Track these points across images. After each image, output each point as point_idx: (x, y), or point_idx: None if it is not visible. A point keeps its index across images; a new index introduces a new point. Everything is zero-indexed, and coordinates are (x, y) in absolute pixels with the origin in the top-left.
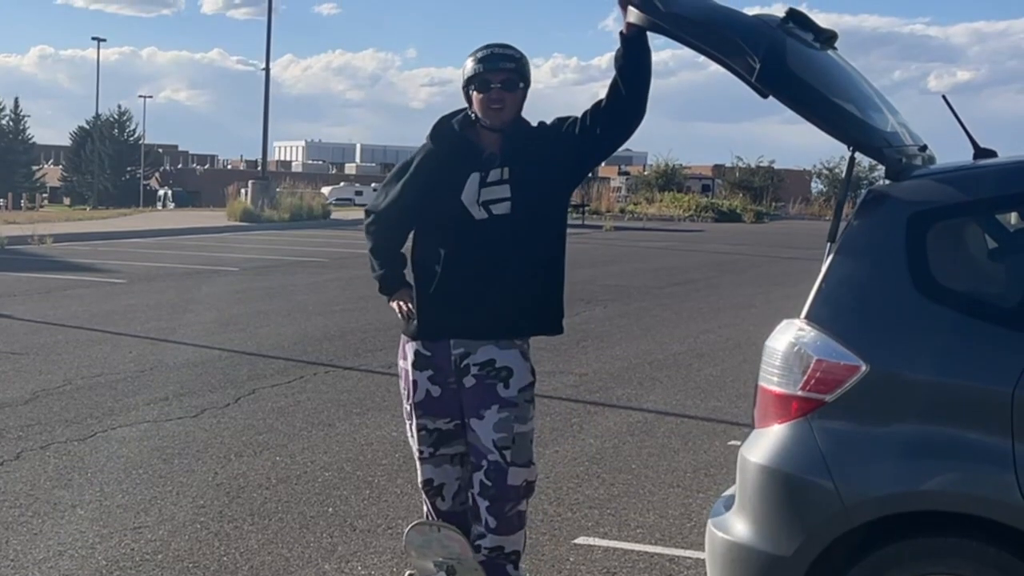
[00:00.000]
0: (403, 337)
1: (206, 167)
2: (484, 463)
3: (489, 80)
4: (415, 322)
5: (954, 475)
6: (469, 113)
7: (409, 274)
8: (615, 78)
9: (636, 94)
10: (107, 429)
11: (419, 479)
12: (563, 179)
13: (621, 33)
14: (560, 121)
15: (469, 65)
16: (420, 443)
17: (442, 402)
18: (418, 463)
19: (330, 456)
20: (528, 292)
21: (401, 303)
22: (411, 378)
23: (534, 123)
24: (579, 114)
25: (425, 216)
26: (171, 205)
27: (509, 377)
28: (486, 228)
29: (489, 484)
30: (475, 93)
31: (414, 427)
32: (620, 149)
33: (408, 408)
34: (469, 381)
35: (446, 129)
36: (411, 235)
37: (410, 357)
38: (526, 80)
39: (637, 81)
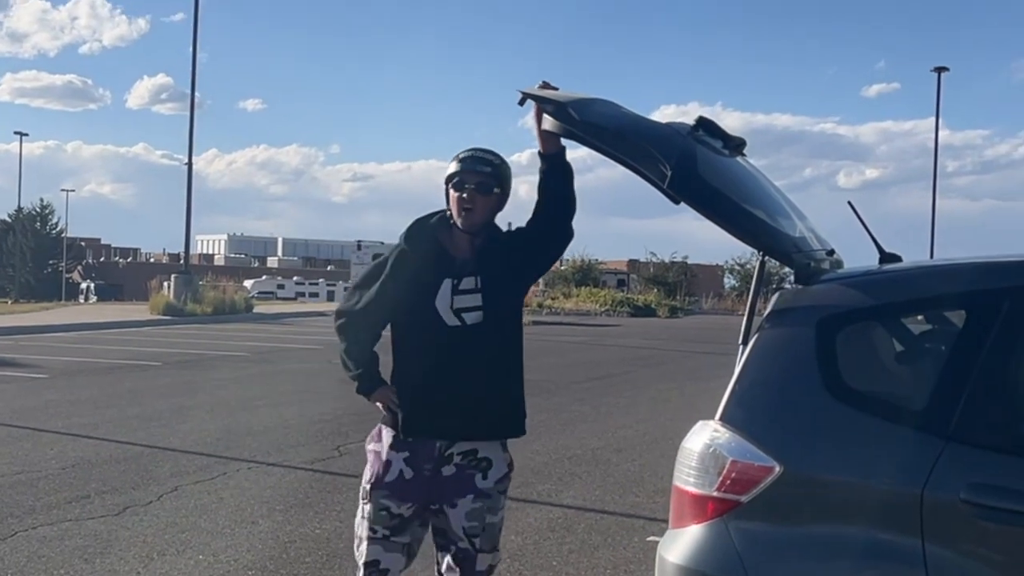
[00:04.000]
0: (380, 424)
1: (129, 260)
2: (452, 548)
3: (465, 181)
4: (399, 416)
5: (867, 575)
6: (446, 213)
7: (383, 370)
8: (539, 199)
9: (559, 210)
10: (28, 528)
11: (362, 559)
12: (523, 287)
13: (540, 153)
14: (520, 230)
15: (452, 165)
16: (376, 522)
17: (412, 486)
18: (366, 543)
19: (253, 554)
20: (500, 398)
21: (384, 402)
22: (385, 458)
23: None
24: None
25: (401, 318)
26: (93, 299)
27: (488, 468)
28: (460, 336)
29: (456, 569)
30: (452, 191)
31: (374, 507)
32: None
33: (367, 488)
34: (449, 470)
35: (420, 233)
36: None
37: (387, 440)
38: (503, 186)
39: (560, 198)
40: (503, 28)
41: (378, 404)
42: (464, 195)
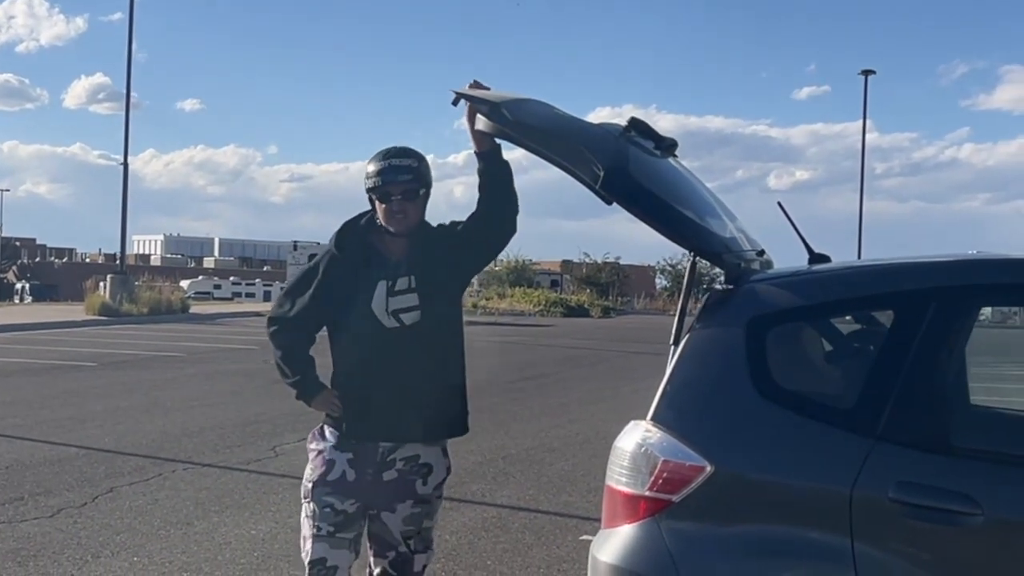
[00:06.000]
0: (322, 424)
1: (64, 260)
2: (391, 553)
3: (390, 192)
4: (342, 419)
5: (797, 573)
6: (374, 218)
7: (322, 374)
8: (480, 198)
9: (503, 205)
10: None
11: (308, 558)
12: (460, 282)
13: (476, 152)
14: (454, 224)
15: (370, 173)
16: (321, 520)
17: (354, 486)
18: (311, 542)
19: (188, 556)
20: (445, 397)
21: (326, 408)
22: (327, 457)
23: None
24: (454, 210)
25: (338, 322)
26: (28, 299)
27: (428, 474)
28: (398, 337)
29: (394, 573)
30: (377, 203)
31: (317, 505)
32: None
33: (309, 487)
34: (390, 475)
35: (351, 236)
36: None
37: (331, 439)
38: (427, 185)
39: (501, 196)
40: (437, 28)
41: (320, 410)
42: (393, 206)
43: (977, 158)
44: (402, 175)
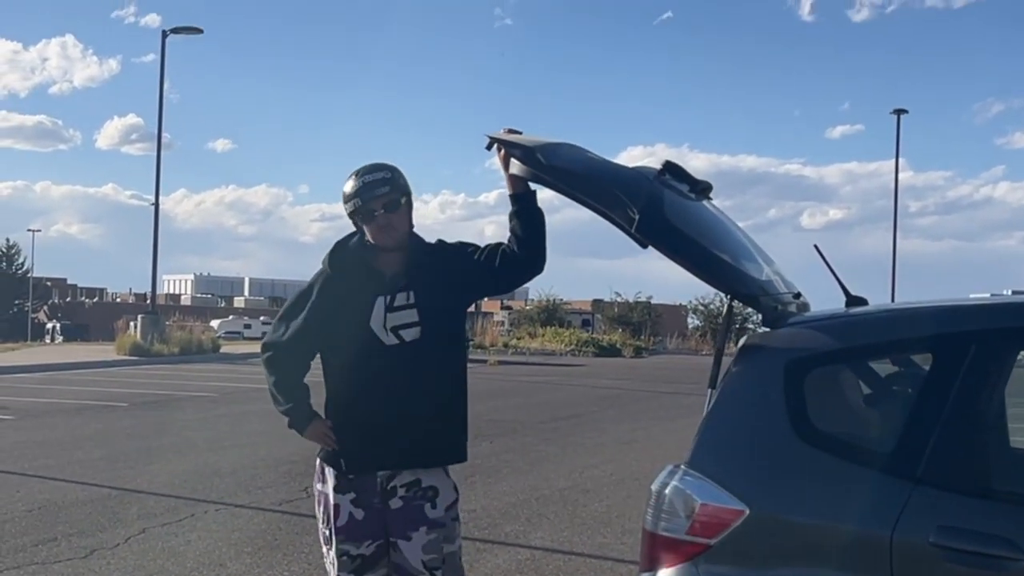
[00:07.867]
0: (319, 461)
1: (95, 300)
2: None
3: (372, 209)
4: (337, 451)
5: None
6: (364, 238)
7: (315, 402)
8: (511, 237)
9: (533, 251)
10: None
11: None
12: (463, 302)
13: (511, 195)
14: (463, 245)
15: (347, 196)
16: (340, 568)
17: (366, 525)
18: None
19: None
20: (445, 419)
21: (319, 438)
22: (332, 502)
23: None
24: (482, 244)
25: (334, 344)
26: (59, 339)
27: (436, 496)
28: (398, 354)
29: None
30: (363, 223)
31: (334, 553)
32: None
33: (327, 533)
34: (396, 503)
35: (345, 254)
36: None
37: (331, 481)
38: (406, 193)
39: (531, 240)
40: (467, 66)
41: (313, 439)
42: (379, 221)
43: (1012, 196)
44: (378, 188)
